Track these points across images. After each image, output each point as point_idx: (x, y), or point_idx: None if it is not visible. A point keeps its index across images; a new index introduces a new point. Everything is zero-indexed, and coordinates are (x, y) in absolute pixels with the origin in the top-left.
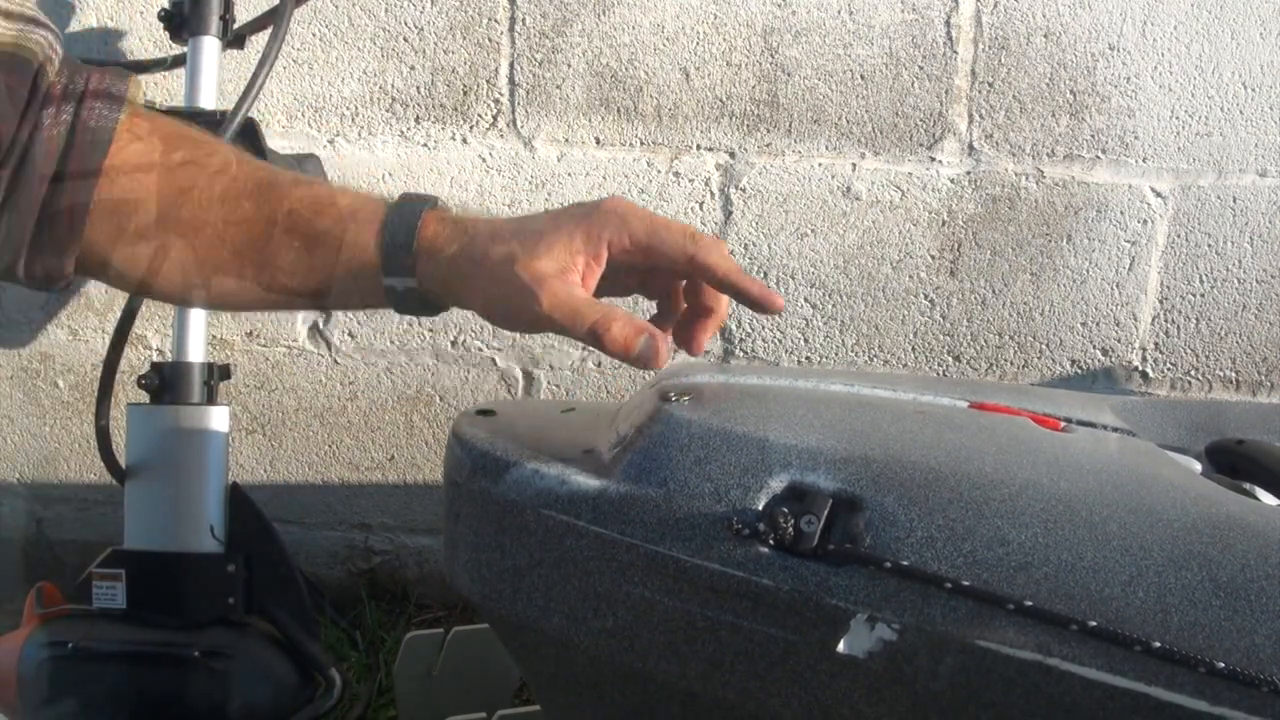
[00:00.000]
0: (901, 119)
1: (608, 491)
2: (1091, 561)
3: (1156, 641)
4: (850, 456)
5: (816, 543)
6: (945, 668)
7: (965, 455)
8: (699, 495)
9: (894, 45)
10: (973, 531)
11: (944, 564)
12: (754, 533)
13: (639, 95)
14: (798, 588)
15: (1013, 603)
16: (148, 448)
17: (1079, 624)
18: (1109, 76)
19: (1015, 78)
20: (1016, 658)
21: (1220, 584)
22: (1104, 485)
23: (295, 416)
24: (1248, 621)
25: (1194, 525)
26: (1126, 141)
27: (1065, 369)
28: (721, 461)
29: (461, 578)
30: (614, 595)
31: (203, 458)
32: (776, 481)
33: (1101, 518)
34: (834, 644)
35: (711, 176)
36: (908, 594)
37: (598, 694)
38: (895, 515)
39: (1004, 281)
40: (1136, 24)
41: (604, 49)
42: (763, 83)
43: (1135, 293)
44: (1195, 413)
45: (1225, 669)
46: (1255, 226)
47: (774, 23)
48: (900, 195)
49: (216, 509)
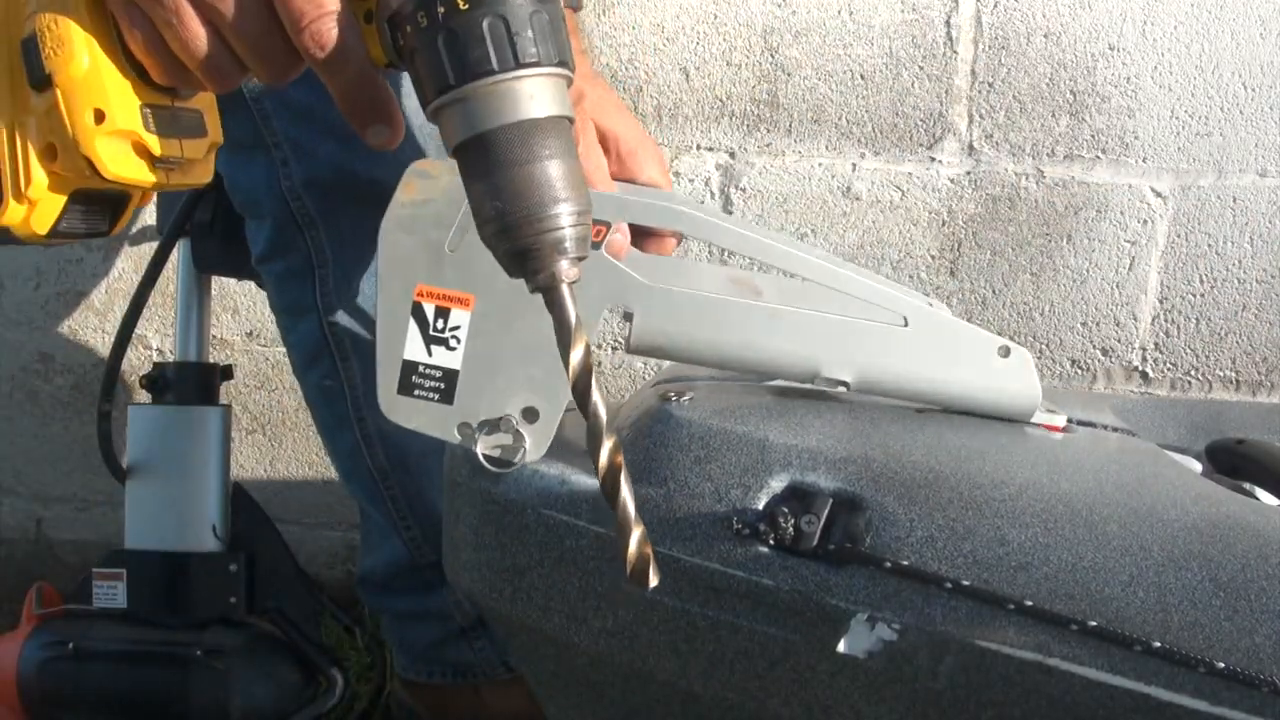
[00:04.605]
0: (901, 119)
1: None
2: (1092, 561)
3: (1157, 641)
4: (850, 456)
5: (817, 542)
6: (945, 667)
7: (965, 455)
8: (699, 495)
9: (894, 45)
10: (973, 531)
11: (944, 564)
12: (754, 532)
13: (639, 95)
14: (798, 587)
15: (1013, 602)
16: (148, 448)
17: (1079, 624)
18: (1109, 76)
19: (1015, 78)
20: (1017, 657)
21: (1220, 584)
22: (1104, 485)
23: (295, 416)
24: (1248, 621)
25: (1194, 525)
26: (1126, 141)
27: (1065, 369)
28: (721, 461)
29: (462, 577)
30: (614, 595)
31: (203, 457)
32: (777, 481)
33: (1102, 517)
34: (834, 644)
35: (711, 176)
36: (908, 594)
37: (598, 693)
38: (895, 515)
39: (1004, 281)
40: (1136, 24)
41: (604, 49)
42: (763, 83)
43: (1135, 293)
44: (1195, 413)
45: (1225, 669)
46: (1255, 226)
47: (774, 23)
48: (900, 195)
49: (217, 508)
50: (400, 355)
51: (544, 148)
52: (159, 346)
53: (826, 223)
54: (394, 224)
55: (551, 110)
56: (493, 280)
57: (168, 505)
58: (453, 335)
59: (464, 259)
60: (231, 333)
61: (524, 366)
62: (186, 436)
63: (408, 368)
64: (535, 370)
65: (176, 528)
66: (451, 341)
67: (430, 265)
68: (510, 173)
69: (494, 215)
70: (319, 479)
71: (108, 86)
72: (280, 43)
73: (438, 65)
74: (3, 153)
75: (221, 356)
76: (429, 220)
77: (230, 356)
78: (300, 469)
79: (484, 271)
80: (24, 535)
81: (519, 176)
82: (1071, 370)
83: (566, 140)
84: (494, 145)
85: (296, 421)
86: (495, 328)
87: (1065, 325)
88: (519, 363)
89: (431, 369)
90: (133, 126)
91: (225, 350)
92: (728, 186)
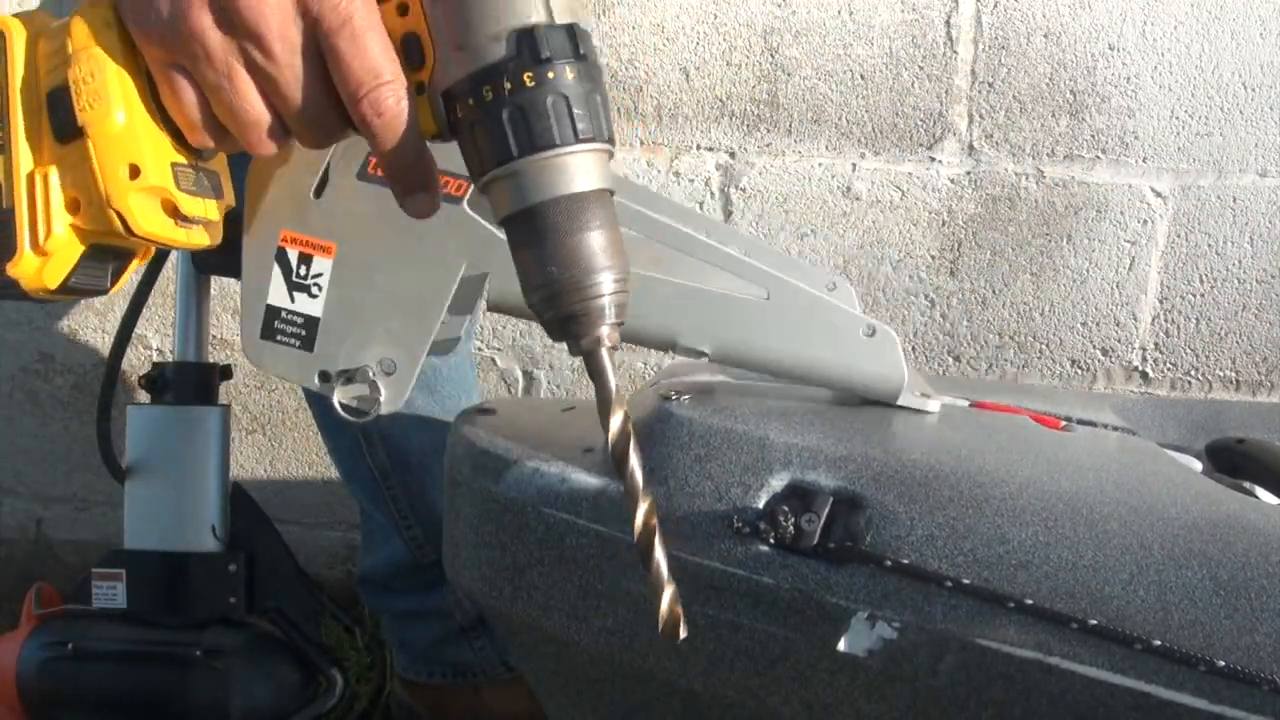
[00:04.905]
0: (901, 119)
1: (608, 490)
2: (1092, 560)
3: (1157, 640)
4: (851, 455)
5: (817, 541)
6: (945, 666)
7: (966, 453)
8: (699, 493)
9: (894, 45)
10: (973, 530)
11: (944, 562)
12: (754, 531)
13: (639, 95)
14: (798, 586)
15: (1013, 601)
16: (148, 448)
17: (1079, 622)
18: (1109, 76)
19: (1015, 78)
20: (1017, 656)
21: (1221, 582)
22: (1104, 484)
23: (295, 416)
24: (1248, 620)
25: (1194, 524)
26: (1126, 141)
27: (1065, 369)
28: (722, 460)
29: (462, 576)
30: (614, 593)
31: (203, 457)
32: (777, 479)
33: (1102, 516)
34: (834, 642)
35: (711, 176)
36: (908, 592)
37: (598, 692)
38: (896, 513)
39: (1004, 281)
40: (1136, 24)
41: (604, 49)
42: (763, 83)
43: (1135, 293)
44: (1195, 412)
45: (1226, 667)
46: (1255, 226)
47: (774, 23)
48: (900, 195)
49: (217, 508)
50: (264, 300)
51: (593, 218)
52: (159, 346)
53: (826, 222)
54: (261, 166)
55: (598, 184)
56: (355, 230)
57: (167, 505)
58: (315, 282)
59: (328, 207)
60: (231, 333)
61: (382, 318)
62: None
63: (270, 312)
64: (393, 323)
65: (176, 528)
66: (314, 289)
67: (295, 211)
68: (560, 241)
69: (543, 283)
70: (319, 479)
71: (142, 142)
72: (331, 109)
73: (500, 138)
74: (20, 203)
75: (221, 356)
76: (296, 165)
77: (230, 356)
78: (300, 469)
79: (347, 221)
80: (24, 535)
81: (567, 246)
82: (1071, 370)
83: (610, 211)
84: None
85: (296, 421)
86: (356, 278)
87: (1065, 325)
88: (378, 314)
89: (293, 314)
90: (165, 183)
91: (225, 350)
92: (728, 186)
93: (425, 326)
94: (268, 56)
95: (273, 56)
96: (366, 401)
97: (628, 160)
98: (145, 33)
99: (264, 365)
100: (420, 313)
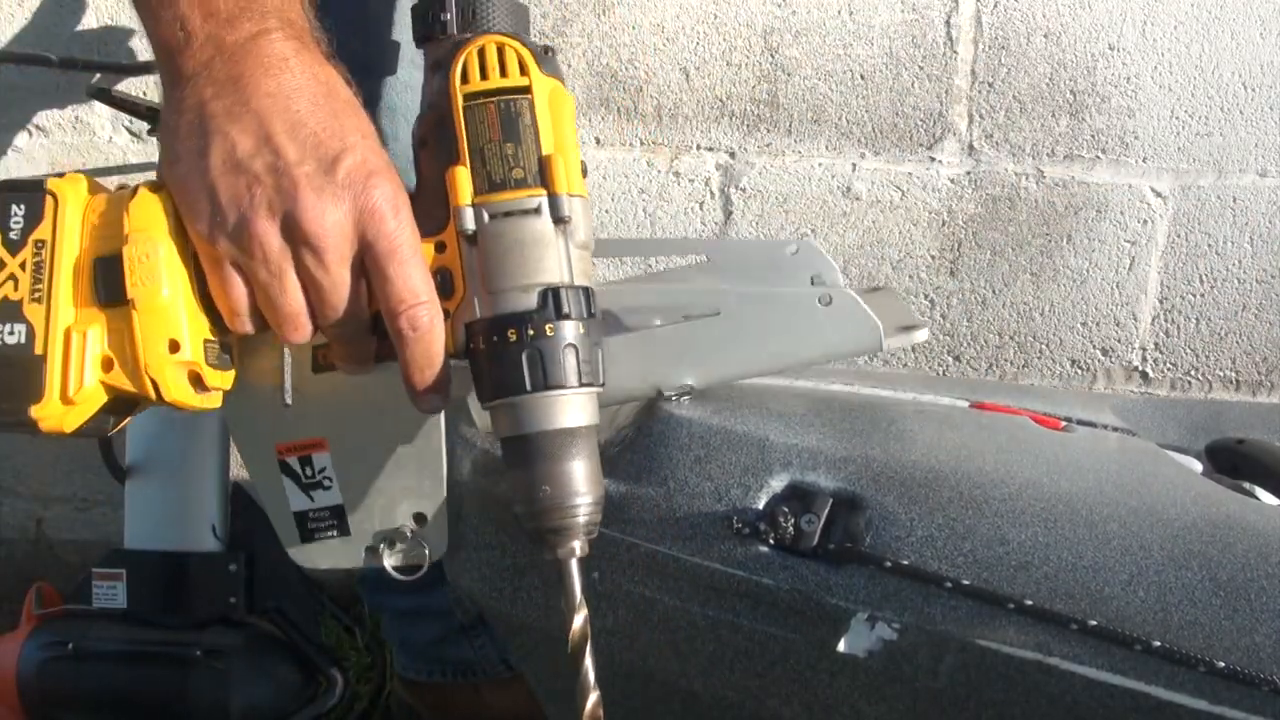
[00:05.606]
0: (901, 119)
1: (608, 490)
2: (1092, 560)
3: (1157, 640)
4: (850, 456)
5: (817, 542)
6: (945, 667)
7: (965, 454)
8: (699, 494)
9: (894, 45)
10: (973, 531)
11: (944, 563)
12: (754, 532)
13: (639, 95)
14: (798, 587)
15: (1013, 602)
16: (148, 447)
17: (1079, 623)
18: (1109, 76)
19: (1015, 78)
20: (1017, 657)
21: (1220, 583)
22: (1104, 484)
23: None
24: (1248, 620)
25: (1194, 524)
26: (1126, 141)
27: (1065, 369)
28: (722, 460)
29: (462, 576)
30: (614, 594)
31: (203, 457)
32: (777, 480)
33: (1102, 517)
34: (834, 643)
35: (711, 176)
36: (908, 593)
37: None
38: (895, 514)
39: (1004, 281)
40: (1136, 24)
41: (604, 49)
42: (763, 83)
43: (1135, 293)
44: (1195, 413)
45: (1225, 668)
46: (1255, 226)
47: (774, 23)
48: (900, 195)
49: (217, 508)
50: (289, 510)
51: (579, 450)
52: None
53: (826, 223)
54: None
55: (588, 421)
56: (333, 419)
57: (167, 505)
58: (323, 477)
59: (301, 410)
60: None
61: (394, 481)
62: (186, 436)
63: (300, 518)
64: (405, 481)
65: (176, 528)
66: (325, 481)
67: (276, 424)
68: (549, 467)
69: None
70: None
71: (183, 320)
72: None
73: (516, 372)
74: (55, 354)
75: None
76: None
77: None
78: None
79: (323, 414)
80: (24, 535)
81: (555, 471)
82: (1071, 370)
83: (593, 444)
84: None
85: None
86: (354, 457)
87: (1065, 325)
88: (389, 480)
89: (319, 511)
90: (197, 359)
91: None
92: (728, 186)
93: (434, 472)
94: (321, 266)
95: (326, 267)
96: (417, 556)
97: (627, 160)
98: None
99: (317, 565)
100: (423, 462)
